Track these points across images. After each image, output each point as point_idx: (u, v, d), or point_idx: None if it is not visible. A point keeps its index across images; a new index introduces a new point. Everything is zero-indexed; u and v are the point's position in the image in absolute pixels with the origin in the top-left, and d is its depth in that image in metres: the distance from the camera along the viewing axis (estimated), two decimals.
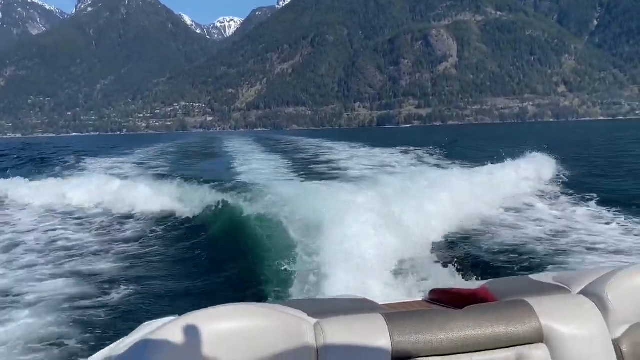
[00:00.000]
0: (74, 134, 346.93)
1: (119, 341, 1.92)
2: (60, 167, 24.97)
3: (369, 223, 7.57)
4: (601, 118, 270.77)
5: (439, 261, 7.67)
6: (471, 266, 7.47)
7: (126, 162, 29.72)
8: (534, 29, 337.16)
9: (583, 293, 1.79)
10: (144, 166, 27.71)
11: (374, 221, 7.68)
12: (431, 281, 6.46)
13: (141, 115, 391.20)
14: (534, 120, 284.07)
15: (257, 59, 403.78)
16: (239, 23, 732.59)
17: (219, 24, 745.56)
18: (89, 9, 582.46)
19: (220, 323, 1.50)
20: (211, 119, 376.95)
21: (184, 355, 1.43)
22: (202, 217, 11.26)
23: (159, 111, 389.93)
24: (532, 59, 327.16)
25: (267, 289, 6.72)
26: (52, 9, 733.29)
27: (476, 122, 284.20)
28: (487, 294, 1.96)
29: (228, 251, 8.70)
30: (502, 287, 2.06)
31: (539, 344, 1.60)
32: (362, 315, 1.65)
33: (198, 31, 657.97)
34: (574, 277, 1.94)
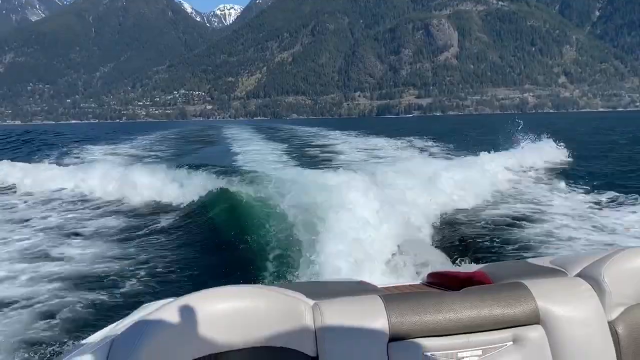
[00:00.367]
0: (73, 121, 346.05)
1: (118, 322, 1.94)
2: (58, 153, 24.98)
3: (369, 208, 7.61)
4: (601, 109, 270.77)
5: (438, 246, 7.72)
6: (470, 251, 7.52)
7: (126, 149, 29.85)
8: (536, 19, 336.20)
9: (580, 276, 1.80)
10: (145, 151, 27.90)
11: (373, 206, 7.72)
12: (430, 266, 6.49)
13: (140, 103, 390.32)
14: (534, 111, 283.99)
15: (257, 47, 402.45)
16: (239, 11, 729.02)
17: (219, 12, 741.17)
18: None
19: (219, 304, 1.50)
20: (211, 107, 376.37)
21: (182, 335, 1.44)
22: (201, 202, 11.26)
23: (158, 99, 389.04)
24: (533, 49, 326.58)
25: (266, 273, 6.75)
26: None
27: (476, 113, 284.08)
28: (484, 277, 1.98)
29: (227, 235, 8.71)
30: (500, 271, 2.08)
31: (535, 325, 1.62)
32: (360, 297, 1.67)
33: (198, 19, 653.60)
34: (570, 260, 1.96)
